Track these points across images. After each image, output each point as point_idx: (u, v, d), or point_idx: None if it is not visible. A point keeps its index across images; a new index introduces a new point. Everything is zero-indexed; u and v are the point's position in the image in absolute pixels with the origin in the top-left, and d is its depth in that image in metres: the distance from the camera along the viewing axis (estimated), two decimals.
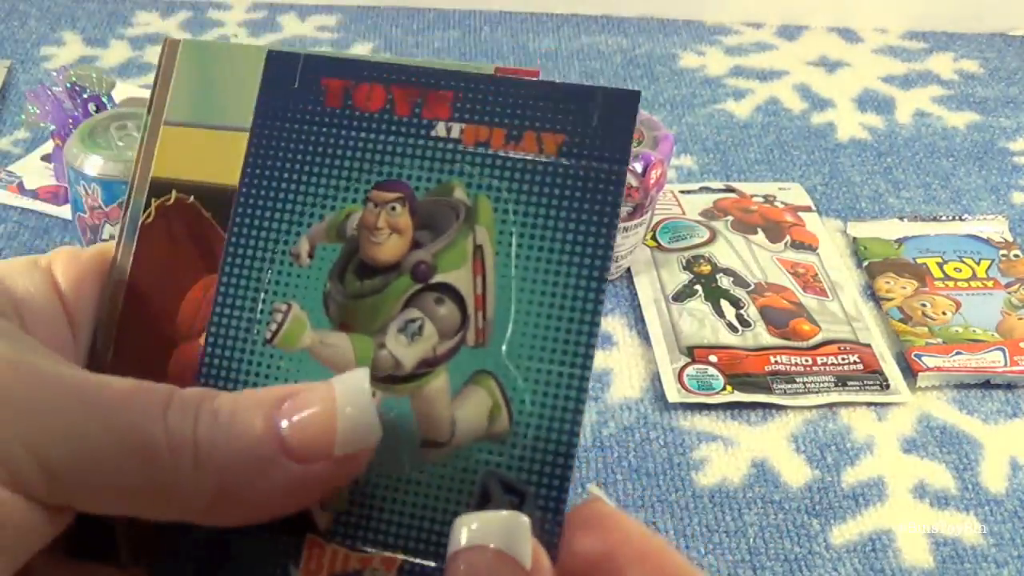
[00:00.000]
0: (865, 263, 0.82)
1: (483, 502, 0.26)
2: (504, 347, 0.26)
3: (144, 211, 0.30)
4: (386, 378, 0.27)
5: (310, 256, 0.28)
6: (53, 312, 0.28)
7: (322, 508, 0.26)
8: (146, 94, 1.05)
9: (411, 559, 0.26)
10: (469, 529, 0.24)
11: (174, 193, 0.30)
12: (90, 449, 0.23)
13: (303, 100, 0.28)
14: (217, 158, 0.30)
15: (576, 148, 0.27)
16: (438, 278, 0.27)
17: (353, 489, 0.26)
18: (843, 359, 0.72)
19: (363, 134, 0.28)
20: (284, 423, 0.24)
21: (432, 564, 0.26)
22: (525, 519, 0.24)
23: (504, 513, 0.25)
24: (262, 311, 0.28)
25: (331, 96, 0.28)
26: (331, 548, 0.26)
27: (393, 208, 0.27)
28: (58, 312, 0.29)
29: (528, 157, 0.27)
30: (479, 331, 0.27)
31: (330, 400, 0.25)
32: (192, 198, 0.30)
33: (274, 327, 0.27)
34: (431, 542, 0.26)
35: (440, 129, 0.28)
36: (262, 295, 0.28)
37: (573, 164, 0.27)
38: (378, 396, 0.27)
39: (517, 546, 0.24)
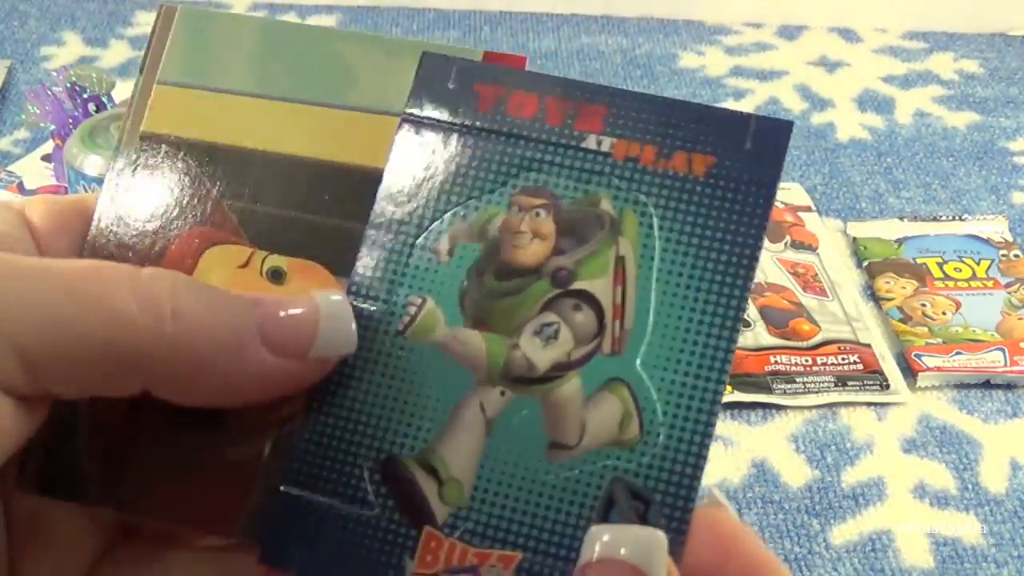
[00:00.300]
0: (865, 263, 0.82)
1: (608, 508, 0.26)
2: (639, 358, 0.27)
3: (132, 165, 0.30)
4: (518, 379, 0.27)
5: (450, 254, 0.28)
6: (26, 251, 0.28)
7: (442, 502, 0.27)
8: None
9: (531, 558, 0.26)
10: (604, 541, 0.24)
11: (163, 147, 0.30)
12: (61, 322, 0.23)
13: (455, 102, 0.29)
14: (210, 118, 0.30)
15: (726, 171, 0.27)
16: (577, 285, 0.27)
17: (476, 485, 0.27)
18: (843, 359, 0.72)
19: (513, 139, 0.28)
20: (264, 314, 0.25)
21: (552, 563, 0.26)
22: (663, 536, 0.24)
23: (643, 529, 0.25)
24: (395, 303, 0.28)
25: (483, 101, 0.29)
26: (448, 542, 0.26)
27: (537, 213, 0.28)
28: (32, 252, 0.28)
29: (678, 175, 0.27)
30: (615, 340, 0.27)
31: (313, 305, 0.25)
32: (182, 153, 0.30)
33: (407, 319, 0.28)
34: (552, 543, 0.26)
35: (591, 141, 0.28)
36: (397, 287, 0.28)
37: (722, 186, 0.27)
38: (508, 395, 0.27)
39: (653, 565, 0.23)
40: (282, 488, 0.27)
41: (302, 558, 0.27)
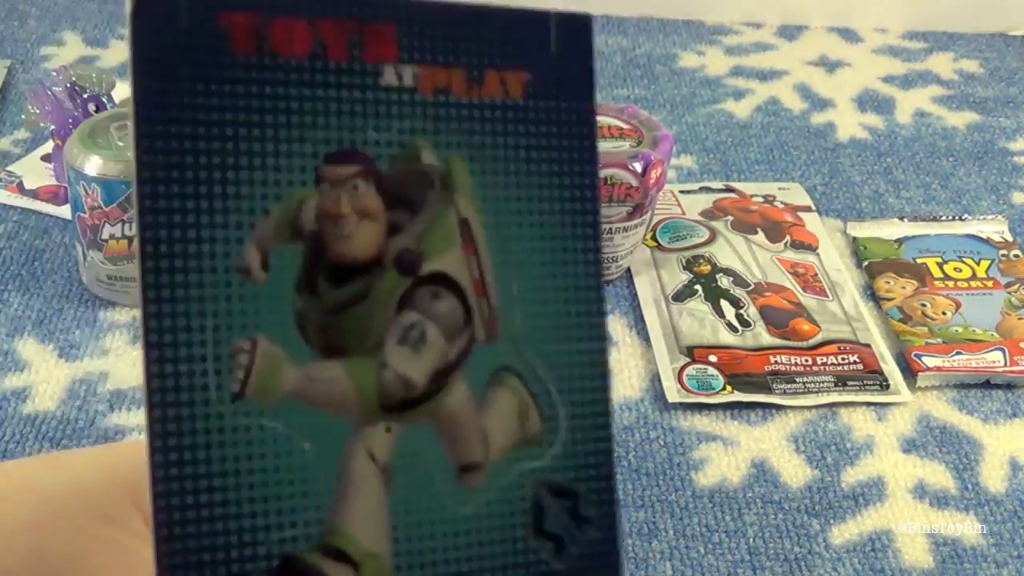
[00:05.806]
0: (865, 263, 0.82)
1: (539, 518, 0.23)
2: (517, 336, 0.23)
3: None
4: (399, 405, 0.22)
5: (264, 268, 0.21)
6: None
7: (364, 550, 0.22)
8: None
9: None
10: None
11: None
12: None
13: (200, 47, 0.20)
14: None
15: (542, 87, 0.23)
16: (428, 267, 0.22)
17: (395, 551, 0.22)
18: (843, 359, 0.72)
19: (293, 90, 0.21)
20: None
21: None
22: None
23: None
24: (218, 356, 0.20)
25: (239, 39, 0.20)
26: None
27: (355, 187, 0.22)
28: None
29: (496, 103, 0.23)
30: (488, 323, 0.23)
31: None
32: None
33: (241, 374, 0.21)
34: None
35: (389, 75, 0.22)
36: (212, 333, 0.20)
37: (543, 106, 0.23)
38: (395, 429, 0.22)
39: None
40: None
41: None
